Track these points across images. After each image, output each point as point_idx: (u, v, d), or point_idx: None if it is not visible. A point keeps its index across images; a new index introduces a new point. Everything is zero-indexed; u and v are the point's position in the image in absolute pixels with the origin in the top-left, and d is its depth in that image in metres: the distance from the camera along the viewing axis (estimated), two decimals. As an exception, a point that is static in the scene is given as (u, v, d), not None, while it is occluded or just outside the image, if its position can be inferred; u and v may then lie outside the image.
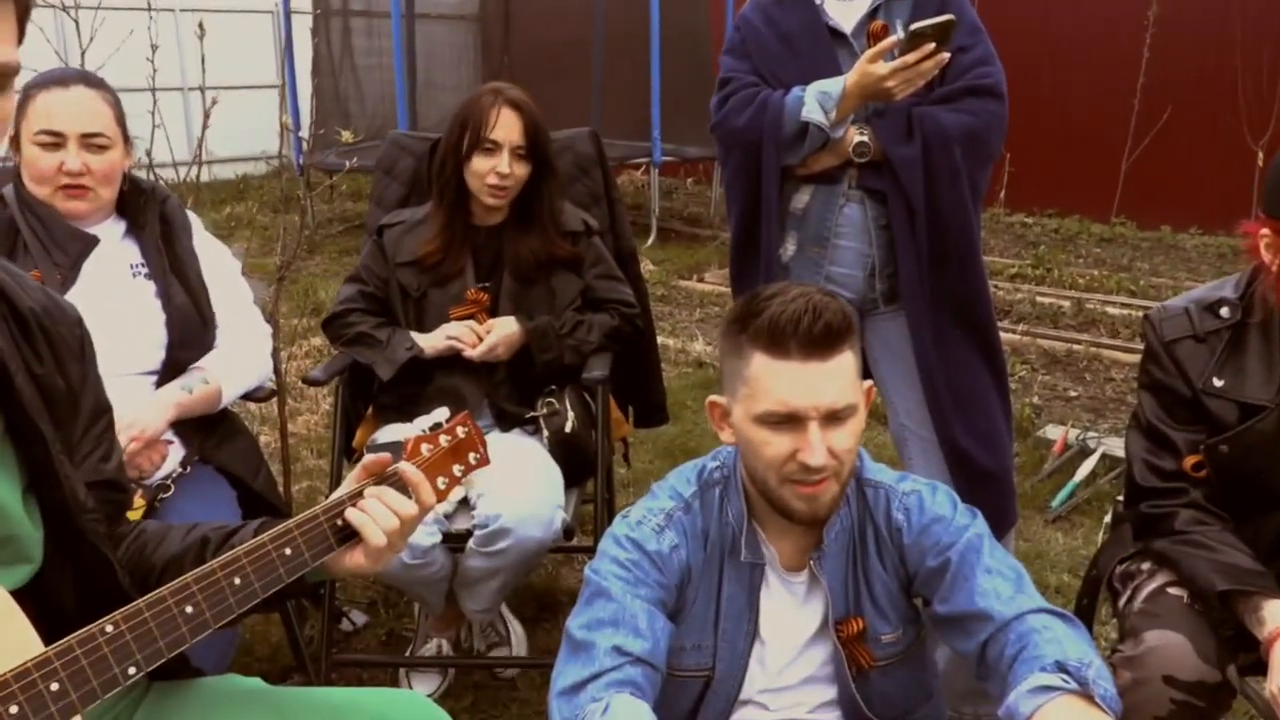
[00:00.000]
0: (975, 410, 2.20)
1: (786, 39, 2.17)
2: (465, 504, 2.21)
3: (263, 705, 1.29)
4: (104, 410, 1.24)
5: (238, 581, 1.12)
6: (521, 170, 2.36)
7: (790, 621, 1.62)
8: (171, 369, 2.05)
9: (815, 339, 1.43)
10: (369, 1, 8.70)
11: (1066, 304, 5.82)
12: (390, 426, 2.38)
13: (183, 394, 2.02)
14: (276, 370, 2.51)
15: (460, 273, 2.42)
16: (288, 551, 1.17)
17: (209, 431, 2.12)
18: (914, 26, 1.97)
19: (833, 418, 1.45)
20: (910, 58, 1.98)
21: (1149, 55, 7.70)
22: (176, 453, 2.04)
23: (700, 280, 6.59)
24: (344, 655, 2.48)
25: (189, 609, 1.08)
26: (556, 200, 2.45)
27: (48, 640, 1.00)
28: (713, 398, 1.59)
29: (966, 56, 2.11)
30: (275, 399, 2.57)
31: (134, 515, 1.49)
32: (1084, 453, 3.65)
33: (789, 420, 1.45)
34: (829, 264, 2.20)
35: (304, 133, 7.94)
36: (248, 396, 2.23)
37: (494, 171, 2.32)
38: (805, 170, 2.15)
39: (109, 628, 1.02)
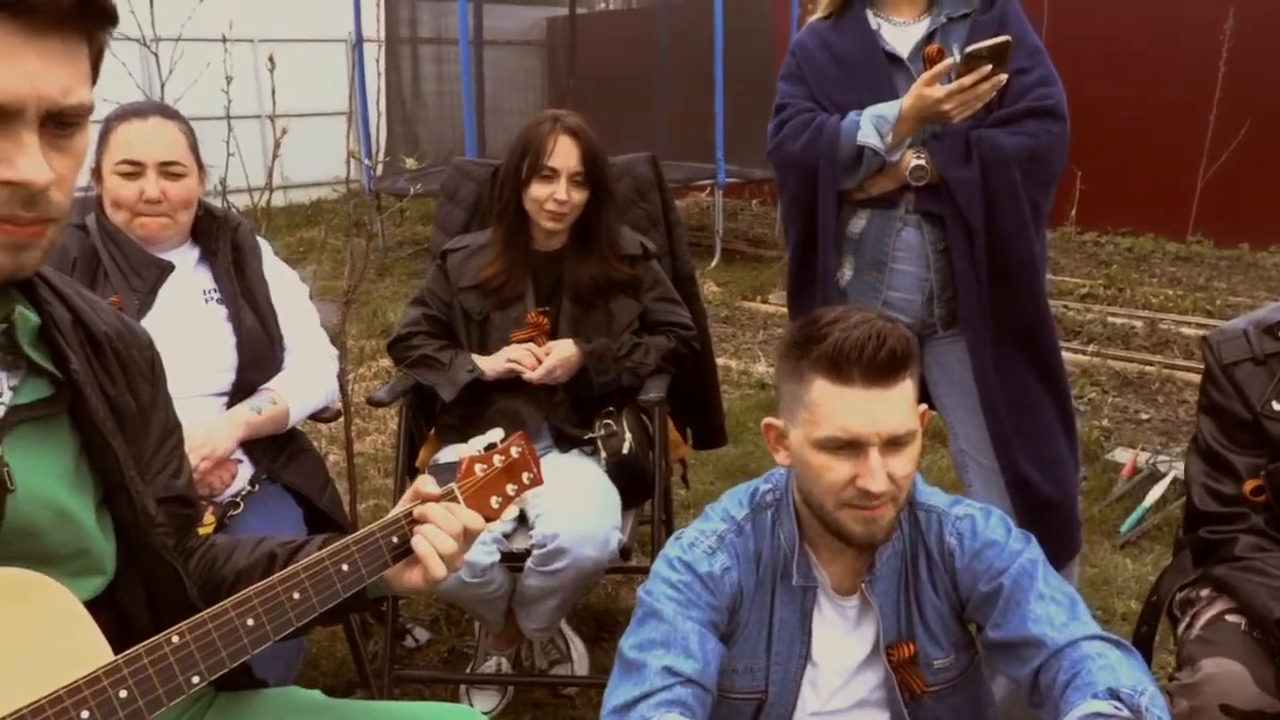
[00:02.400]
0: (1038, 437, 2.17)
1: (842, 64, 2.18)
2: (524, 523, 2.25)
3: (323, 717, 1.33)
4: (173, 429, 1.30)
5: (296, 596, 1.16)
6: (579, 196, 2.40)
7: (842, 645, 1.62)
8: (241, 390, 2.12)
9: (879, 366, 1.44)
10: (439, 29, 8.87)
11: (1139, 324, 5.70)
12: (451, 447, 2.43)
13: (252, 414, 2.08)
14: (343, 391, 2.57)
15: (521, 297, 2.47)
16: (345, 568, 1.21)
17: (277, 451, 2.18)
18: (969, 49, 1.97)
19: (893, 444, 1.46)
20: (966, 80, 1.97)
21: (1226, 68, 7.53)
22: (245, 471, 2.11)
23: (764, 301, 6.58)
24: (406, 671, 2.53)
25: (250, 621, 1.12)
26: (615, 225, 2.49)
27: (118, 649, 1.05)
28: (769, 420, 1.60)
29: (1026, 78, 2.10)
30: (342, 419, 2.63)
31: (205, 531, 1.55)
32: (1154, 477, 3.57)
33: (849, 446, 1.46)
34: (886, 288, 2.19)
35: (374, 158, 8.13)
36: (315, 417, 2.30)
37: (552, 198, 2.37)
38: (862, 194, 2.16)
39: (175, 638, 1.07)
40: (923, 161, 2.09)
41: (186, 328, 2.06)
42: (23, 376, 1.08)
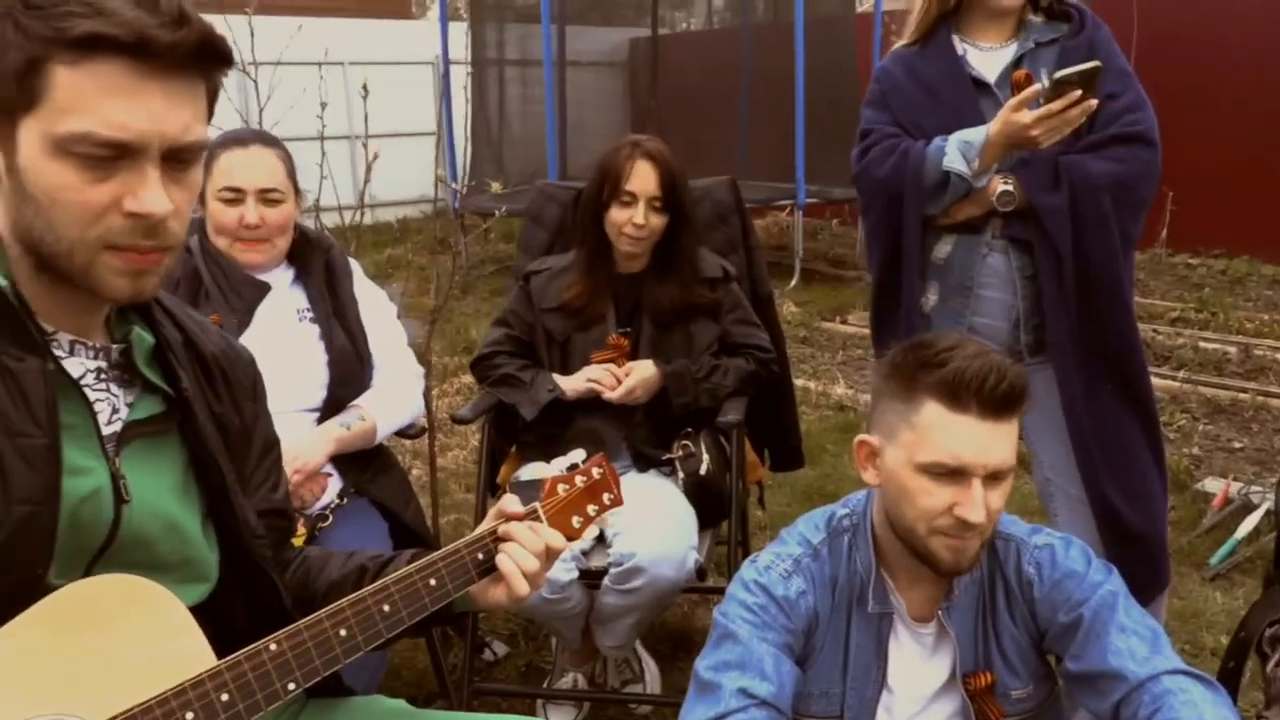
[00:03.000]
0: (1126, 467, 2.13)
1: (928, 89, 2.18)
2: (602, 542, 2.29)
3: (405, 725, 1.37)
4: (273, 444, 1.36)
5: (387, 608, 1.21)
6: (657, 221, 2.44)
7: (918, 672, 1.61)
8: (331, 407, 2.20)
9: (997, 399, 1.45)
10: (524, 50, 9.04)
11: (1232, 350, 5.53)
12: (532, 465, 2.48)
13: (341, 430, 2.16)
14: (427, 408, 2.64)
15: (602, 318, 2.51)
16: (432, 582, 1.25)
17: (364, 466, 2.25)
18: (1059, 74, 1.95)
19: (994, 476, 1.47)
20: (1055, 105, 1.96)
21: (1326, 86, 7.30)
22: (334, 485, 2.18)
23: (843, 322, 6.55)
24: (485, 684, 2.57)
25: (343, 632, 1.17)
26: (695, 248, 2.52)
27: (219, 654, 1.11)
28: (862, 437, 1.60)
29: (1116, 103, 2.08)
30: (422, 435, 2.70)
31: (296, 542, 1.61)
32: (1246, 508, 3.46)
33: (953, 474, 1.46)
34: (972, 314, 2.18)
35: (460, 178, 8.29)
36: (401, 433, 2.37)
37: (630, 222, 2.41)
38: (948, 220, 2.15)
39: (273, 646, 1.12)
40: (1010, 187, 2.08)
41: (281, 346, 2.14)
42: (138, 394, 1.15)
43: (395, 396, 2.28)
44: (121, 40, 0.94)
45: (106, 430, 1.10)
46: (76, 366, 1.09)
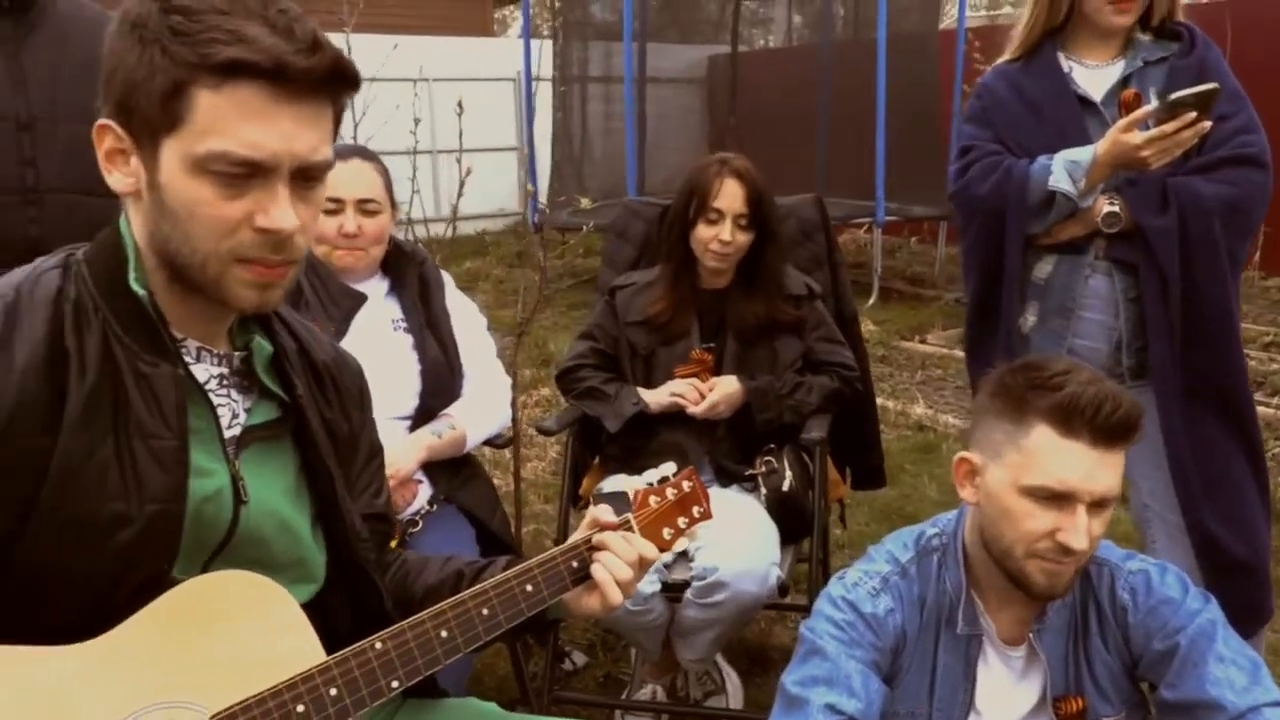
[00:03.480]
0: (1228, 495, 2.09)
1: (1032, 106, 2.15)
2: (684, 555, 2.30)
3: (500, 728, 1.40)
4: (377, 451, 1.41)
5: (485, 612, 1.24)
6: (743, 238, 2.46)
7: (1007, 695, 1.60)
8: (423, 415, 2.25)
9: (1110, 428, 1.45)
10: (604, 68, 9.13)
11: (1330, 377, 5.36)
12: (615, 477, 2.51)
13: (433, 438, 2.21)
14: (513, 418, 2.68)
15: (686, 333, 2.53)
16: (529, 588, 1.28)
17: (453, 474, 2.30)
18: (1175, 96, 1.91)
19: (1098, 504, 1.46)
20: (1169, 127, 1.92)
21: None
22: (425, 492, 2.23)
23: (923, 341, 6.48)
24: (564, 693, 2.60)
25: (444, 633, 1.21)
26: (780, 265, 2.53)
27: (324, 652, 1.15)
28: (963, 454, 1.59)
29: (1228, 124, 2.03)
30: (508, 445, 2.74)
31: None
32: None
33: (1058, 499, 1.46)
34: (1072, 336, 2.15)
35: (543, 194, 8.41)
36: (489, 442, 2.41)
37: (716, 239, 2.43)
38: (1050, 240, 2.13)
39: (378, 644, 1.16)
40: (1116, 208, 2.05)
41: (376, 354, 2.19)
42: (255, 400, 1.20)
43: (485, 406, 2.33)
44: (260, 66, 0.99)
45: (227, 434, 1.16)
46: (202, 372, 1.14)
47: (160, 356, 1.08)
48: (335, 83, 1.05)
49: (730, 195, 2.43)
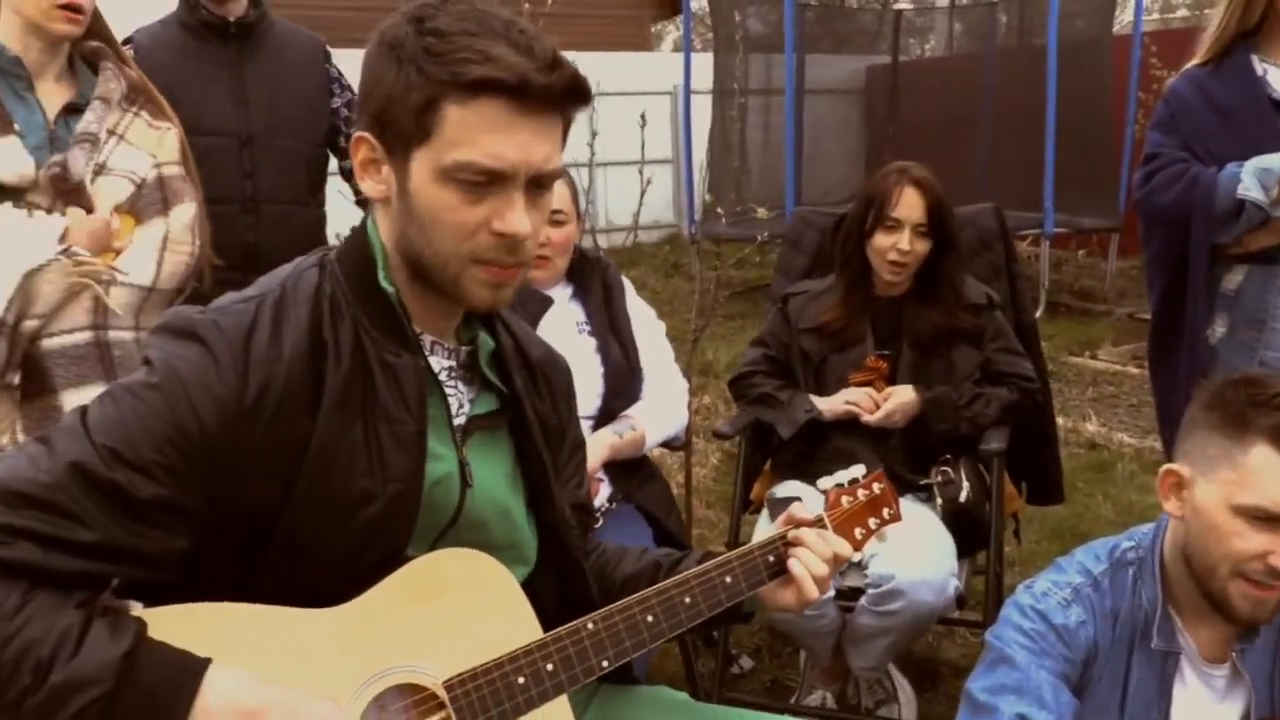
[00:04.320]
0: None
1: (1222, 112, 2.09)
2: (857, 563, 2.30)
3: (692, 715, 1.45)
4: (580, 445, 1.48)
5: (688, 600, 1.29)
6: (922, 247, 2.45)
7: (1206, 716, 1.56)
8: (605, 416, 2.33)
9: None
10: (765, 79, 9.15)
11: None
12: (787, 483, 2.53)
13: (614, 438, 2.28)
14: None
15: (860, 341, 2.54)
16: (728, 580, 1.33)
17: (632, 473, 2.37)
18: None
19: None
20: None
21: None
22: (605, 490, 2.31)
23: (1093, 357, 6.25)
24: (733, 694, 2.63)
25: (650, 618, 1.26)
26: (958, 274, 2.51)
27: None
28: (1170, 466, 1.56)
29: None
30: (684, 448, 2.80)
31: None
32: None
33: (1273, 520, 1.42)
34: (1264, 348, 2.07)
35: (699, 205, 8.49)
36: (665, 444, 2.47)
37: (894, 248, 2.43)
38: (1239, 249, 2.06)
39: (590, 625, 1.22)
40: None
41: (562, 356, 2.29)
42: (478, 391, 1.29)
43: (664, 409, 2.39)
44: (506, 83, 1.07)
45: (455, 422, 1.24)
46: (435, 364, 1.23)
47: (404, 348, 1.18)
48: (570, 98, 1.13)
49: (909, 204, 2.43)
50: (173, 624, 1.04)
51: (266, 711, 1.02)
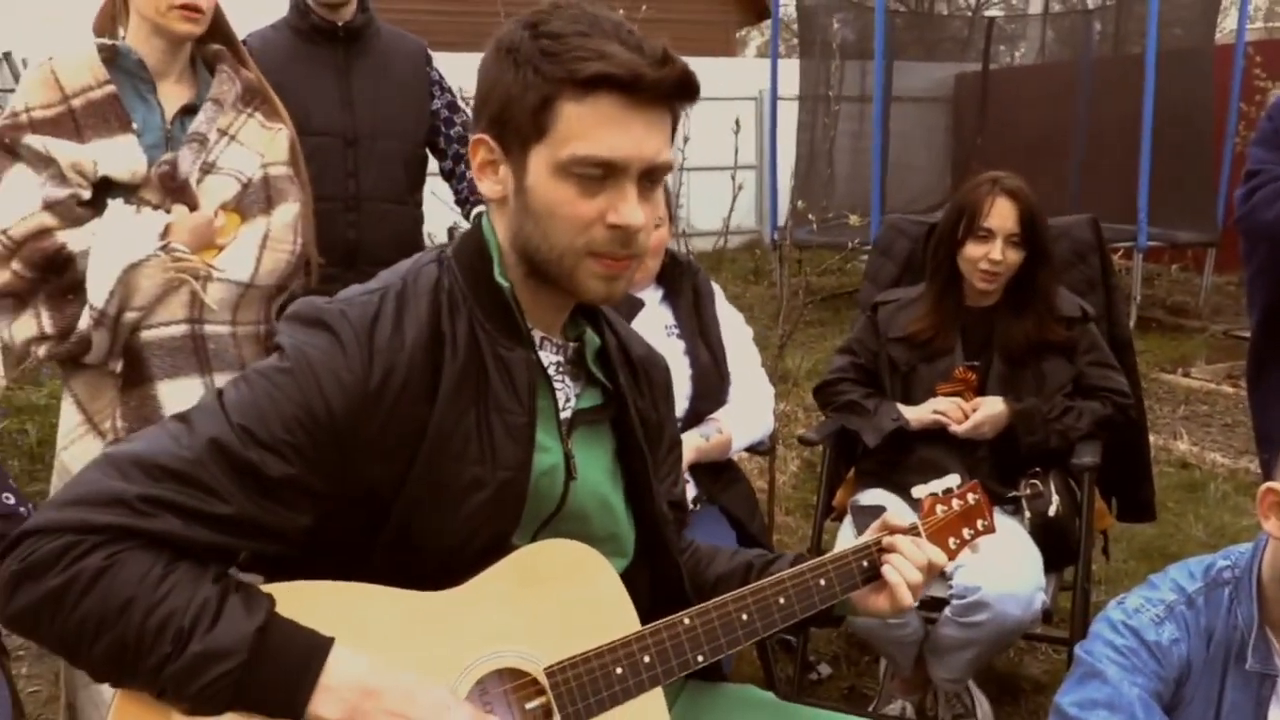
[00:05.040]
0: None
1: None
2: (941, 574, 2.29)
3: (777, 714, 1.47)
4: (676, 443, 1.51)
5: (782, 600, 1.31)
6: (1014, 257, 2.43)
7: (1304, 742, 1.53)
8: (692, 418, 2.35)
9: None
10: (854, 86, 9.09)
11: None
12: (870, 491, 2.53)
13: (701, 440, 2.30)
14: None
15: (949, 351, 2.52)
16: (822, 582, 1.35)
17: (716, 476, 2.39)
18: None
19: None
20: None
21: None
22: (690, 492, 2.33)
23: (1186, 375, 6.10)
24: (811, 700, 2.64)
25: (744, 616, 1.29)
26: (1051, 285, 2.48)
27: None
28: (1272, 485, 1.52)
29: None
30: (769, 453, 2.81)
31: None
32: None
33: None
34: None
35: (782, 212, 8.47)
36: (750, 449, 2.49)
37: (986, 258, 2.41)
38: None
39: (686, 620, 1.25)
40: None
41: (652, 359, 2.33)
42: (583, 386, 1.33)
43: (750, 413, 2.41)
44: (620, 78, 1.11)
45: (561, 415, 1.28)
46: (545, 359, 1.27)
47: (516, 342, 1.22)
48: (680, 93, 1.16)
49: (1002, 214, 2.41)
50: (294, 600, 1.09)
51: (384, 693, 1.06)
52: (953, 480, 1.55)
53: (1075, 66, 9.38)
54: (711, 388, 2.38)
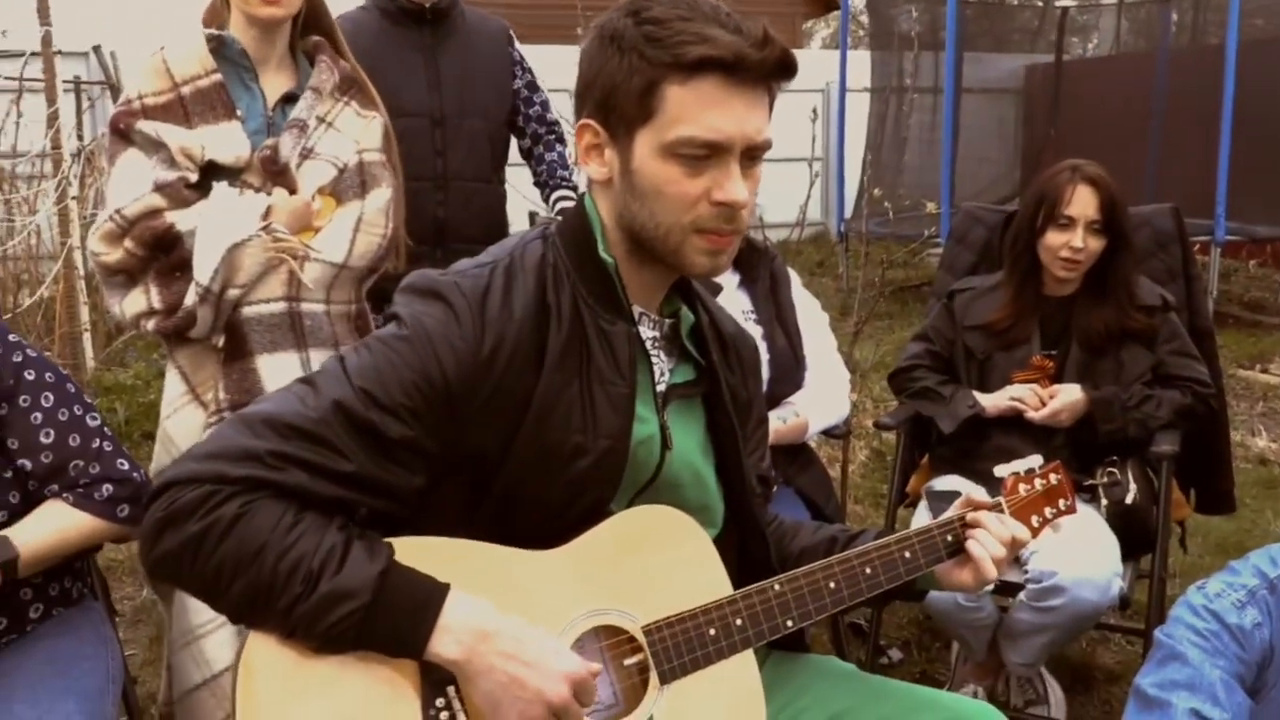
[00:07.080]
0: None
1: None
2: (1016, 559, 2.30)
3: (858, 685, 1.50)
4: (764, 419, 1.55)
5: (869, 571, 1.35)
6: (1095, 245, 2.42)
7: (1388, 730, 1.52)
8: (769, 402, 2.38)
9: None
10: (922, 77, 9.03)
11: None
12: (945, 477, 2.54)
13: (778, 423, 2.34)
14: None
15: (1027, 339, 2.53)
16: (907, 555, 1.38)
17: (791, 459, 2.42)
18: None
19: None
20: None
21: None
22: (766, 473, 2.37)
23: (1264, 371, 5.98)
24: (882, 683, 2.66)
25: (831, 585, 1.33)
26: (1132, 274, 2.47)
27: (729, 588, 1.29)
28: None
29: None
30: (844, 437, 2.84)
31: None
32: None
33: None
34: None
35: (849, 204, 8.43)
36: (826, 433, 2.52)
37: (1067, 245, 2.41)
38: None
39: (776, 586, 1.30)
40: None
41: (729, 342, 2.36)
42: (677, 361, 1.37)
43: (826, 398, 2.44)
44: (724, 60, 1.16)
45: (658, 388, 1.33)
46: (643, 333, 1.32)
47: (618, 316, 1.27)
48: (779, 72, 1.20)
49: (1083, 202, 2.41)
50: (409, 552, 1.16)
51: (498, 634, 1.13)
52: (1035, 460, 1.57)
53: (1152, 57, 9.20)
54: (788, 372, 2.41)
